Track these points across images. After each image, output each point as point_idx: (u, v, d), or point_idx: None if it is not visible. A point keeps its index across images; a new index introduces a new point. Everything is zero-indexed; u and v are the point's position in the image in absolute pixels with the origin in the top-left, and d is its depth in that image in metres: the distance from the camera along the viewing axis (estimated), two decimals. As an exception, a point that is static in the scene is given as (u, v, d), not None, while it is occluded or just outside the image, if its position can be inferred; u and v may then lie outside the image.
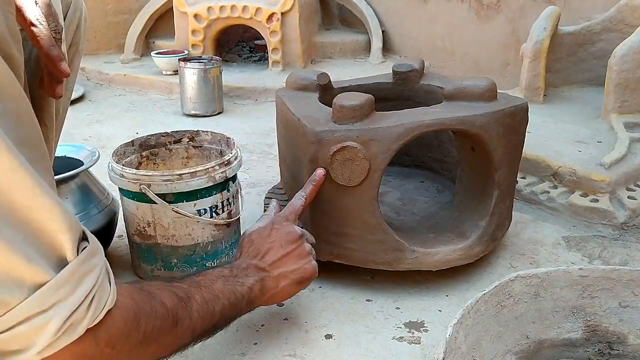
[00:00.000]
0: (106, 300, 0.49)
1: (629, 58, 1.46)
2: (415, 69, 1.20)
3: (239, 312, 0.76)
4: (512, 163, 1.02)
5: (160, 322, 0.58)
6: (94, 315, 0.47)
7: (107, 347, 0.50)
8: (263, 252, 0.82)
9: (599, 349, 0.81)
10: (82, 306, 0.46)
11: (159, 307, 0.58)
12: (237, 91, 2.36)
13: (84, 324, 0.46)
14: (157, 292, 0.60)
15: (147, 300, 0.57)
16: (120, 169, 0.98)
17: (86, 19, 0.78)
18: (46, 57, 0.64)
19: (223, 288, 0.72)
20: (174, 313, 0.61)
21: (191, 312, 0.64)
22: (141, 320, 0.54)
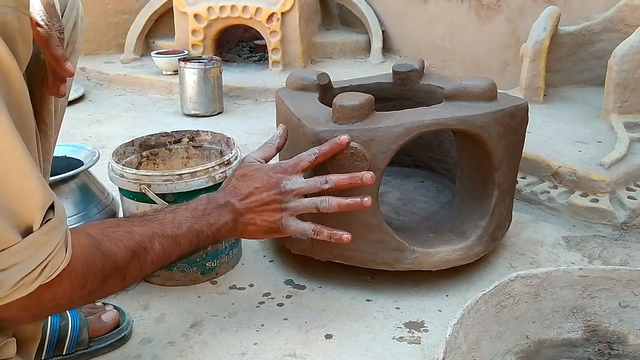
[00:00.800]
0: (59, 264, 0.55)
1: (629, 58, 1.46)
2: (415, 69, 1.20)
3: (201, 248, 0.80)
4: (512, 163, 1.02)
5: (107, 279, 0.63)
6: (46, 277, 0.54)
7: (51, 303, 0.57)
8: (245, 194, 0.83)
9: (599, 349, 0.81)
10: (37, 270, 0.52)
11: (109, 268, 0.63)
12: (237, 91, 2.36)
13: (35, 284, 0.53)
14: (114, 251, 0.64)
15: (100, 262, 0.62)
16: (120, 169, 0.98)
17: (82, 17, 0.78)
18: (51, 57, 0.64)
19: (188, 232, 0.75)
20: (125, 269, 0.65)
21: (144, 264, 0.69)
22: (87, 282, 0.60)
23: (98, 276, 0.62)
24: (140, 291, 1.02)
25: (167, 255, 0.73)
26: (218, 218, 0.80)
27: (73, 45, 0.75)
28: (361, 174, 0.85)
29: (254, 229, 0.84)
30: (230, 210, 0.82)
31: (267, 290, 1.02)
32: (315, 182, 0.85)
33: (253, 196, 0.83)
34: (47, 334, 0.82)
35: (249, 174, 0.86)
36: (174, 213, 0.76)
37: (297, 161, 0.87)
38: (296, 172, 0.86)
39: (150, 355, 0.86)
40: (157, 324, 0.93)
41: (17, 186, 0.50)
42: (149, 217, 0.74)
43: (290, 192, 0.84)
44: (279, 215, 0.84)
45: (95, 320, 0.87)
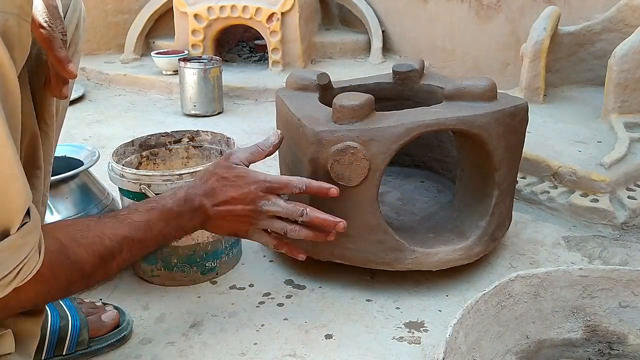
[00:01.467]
0: (32, 267, 0.56)
1: (629, 58, 1.46)
2: (415, 69, 1.20)
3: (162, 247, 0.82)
4: (512, 163, 1.02)
5: (71, 285, 0.65)
6: (21, 279, 0.55)
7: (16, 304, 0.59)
8: (220, 201, 0.82)
9: (599, 349, 0.81)
10: (12, 273, 0.53)
11: (75, 275, 0.64)
12: (237, 91, 2.36)
13: (10, 287, 0.54)
14: (82, 258, 0.64)
15: (67, 268, 0.63)
16: (120, 169, 0.98)
17: (85, 18, 0.78)
18: (54, 59, 0.64)
19: (157, 235, 0.76)
20: (90, 275, 0.67)
21: (110, 269, 0.70)
22: (51, 288, 0.62)
23: (63, 283, 0.63)
24: (140, 291, 1.02)
25: (132, 258, 0.74)
26: (189, 221, 0.81)
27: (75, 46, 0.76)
28: (336, 221, 0.85)
29: (219, 231, 0.87)
30: (202, 214, 0.82)
31: (267, 290, 1.02)
32: (293, 211, 0.84)
33: (228, 205, 0.82)
34: (47, 334, 0.82)
35: (231, 179, 0.83)
36: (148, 214, 0.76)
37: (283, 184, 0.85)
38: (277, 193, 0.85)
39: (150, 355, 0.86)
40: (157, 324, 0.93)
41: (3, 189, 0.50)
42: (122, 216, 0.74)
43: (266, 213, 0.84)
44: (247, 227, 0.85)
45: (95, 320, 0.87)
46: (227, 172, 0.84)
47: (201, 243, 1.01)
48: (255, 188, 0.83)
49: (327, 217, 0.85)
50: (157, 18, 2.87)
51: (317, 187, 0.86)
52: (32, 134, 0.67)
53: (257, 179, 0.84)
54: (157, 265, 1.02)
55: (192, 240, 1.00)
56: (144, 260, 1.02)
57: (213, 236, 1.02)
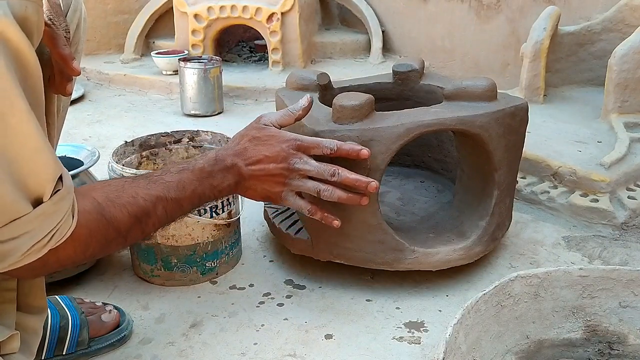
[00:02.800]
0: (66, 231, 0.59)
1: (629, 58, 1.46)
2: (415, 69, 1.20)
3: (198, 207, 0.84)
4: (512, 163, 1.02)
5: (109, 244, 0.67)
6: (55, 243, 0.58)
7: (55, 264, 0.61)
8: (254, 159, 0.82)
9: (599, 349, 0.81)
10: (46, 237, 0.56)
11: (112, 233, 0.66)
12: (237, 91, 2.36)
13: (44, 250, 0.57)
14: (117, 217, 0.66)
15: (103, 229, 0.65)
16: (120, 169, 0.98)
17: (86, 19, 0.78)
18: (59, 56, 0.65)
19: (192, 195, 0.77)
20: (127, 234, 0.68)
21: (146, 227, 0.72)
22: (90, 246, 0.64)
23: (100, 241, 0.65)
24: (140, 291, 1.02)
25: (169, 218, 0.75)
26: (222, 181, 0.81)
27: (76, 46, 0.76)
28: (368, 181, 0.85)
29: (252, 194, 0.85)
30: (235, 173, 0.82)
31: (267, 290, 1.02)
32: (324, 170, 0.84)
33: (261, 164, 0.82)
34: (47, 333, 0.82)
35: (263, 139, 0.84)
36: (179, 174, 0.77)
37: (314, 143, 0.85)
38: (309, 153, 0.85)
39: (150, 355, 0.86)
40: (157, 324, 0.93)
41: (31, 160, 0.53)
42: (154, 178, 0.75)
43: (298, 171, 0.83)
44: (281, 188, 0.84)
45: (95, 320, 0.87)
46: (258, 132, 0.84)
47: (201, 243, 1.01)
48: (287, 146, 0.83)
49: (359, 177, 0.85)
50: (157, 18, 2.87)
51: (348, 149, 0.86)
52: None
53: (288, 138, 0.84)
54: (157, 265, 1.02)
55: (192, 240, 1.00)
56: (144, 260, 1.02)
57: (213, 236, 1.02)
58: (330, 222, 0.88)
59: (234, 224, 1.07)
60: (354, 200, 0.86)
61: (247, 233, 1.21)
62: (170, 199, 0.74)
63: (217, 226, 1.02)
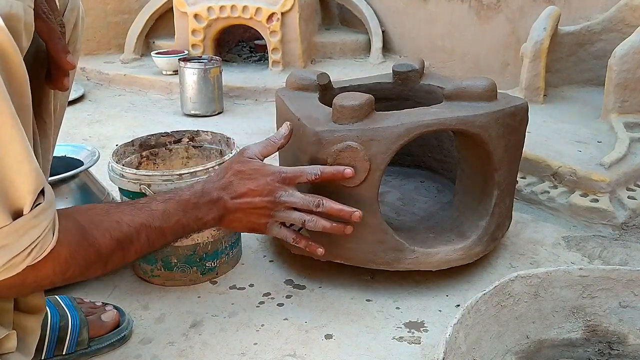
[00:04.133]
0: (46, 247, 0.57)
1: (629, 58, 1.46)
2: (415, 69, 1.20)
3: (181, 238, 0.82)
4: (512, 163, 1.02)
5: (89, 267, 0.65)
6: (33, 259, 0.56)
7: (33, 283, 0.60)
8: (239, 193, 0.83)
9: (599, 349, 0.81)
10: (24, 252, 0.55)
11: (93, 257, 0.64)
12: (237, 91, 2.36)
13: (22, 266, 0.56)
14: (99, 241, 0.65)
15: (84, 252, 0.63)
16: (120, 169, 0.98)
17: (83, 18, 0.78)
18: (53, 50, 0.64)
19: (175, 225, 0.77)
20: (108, 258, 0.67)
21: (127, 254, 0.70)
22: (70, 268, 0.62)
23: (80, 263, 0.63)
24: (140, 291, 1.02)
25: (151, 246, 0.74)
26: (207, 213, 0.81)
27: (74, 45, 0.75)
28: (352, 210, 0.86)
29: (237, 226, 0.87)
30: (220, 207, 0.82)
31: (267, 290, 1.02)
32: (309, 202, 0.86)
33: (246, 197, 0.83)
34: (47, 333, 0.82)
35: (247, 172, 0.85)
36: (165, 204, 0.77)
37: (297, 174, 0.87)
38: (294, 184, 0.86)
39: (150, 355, 0.86)
40: (157, 324, 0.93)
41: (13, 170, 0.52)
42: (140, 204, 0.75)
43: (284, 203, 0.85)
44: (266, 220, 0.86)
45: (95, 320, 0.87)
46: (243, 166, 0.85)
47: (201, 243, 1.01)
48: (271, 179, 0.84)
49: (343, 207, 0.86)
50: (157, 18, 2.87)
51: (330, 172, 0.87)
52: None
53: (273, 171, 0.85)
54: (157, 265, 1.02)
55: (192, 240, 1.00)
56: (144, 260, 1.02)
57: (213, 236, 1.02)
58: (314, 250, 0.91)
59: (234, 224, 1.07)
60: (338, 229, 0.88)
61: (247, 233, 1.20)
62: (154, 227, 0.73)
63: (217, 226, 1.02)
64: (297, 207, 0.86)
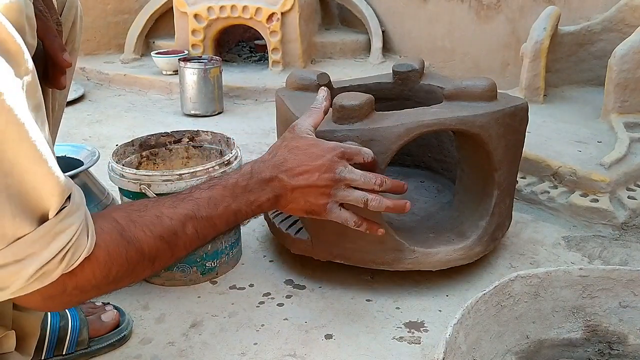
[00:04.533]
0: (81, 253, 0.53)
1: (629, 58, 1.46)
2: (415, 69, 1.20)
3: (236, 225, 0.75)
4: (512, 163, 1.02)
5: (134, 267, 0.60)
6: (67, 265, 0.52)
7: (75, 290, 0.55)
8: (297, 171, 0.76)
9: (599, 349, 0.81)
10: (56, 259, 0.51)
11: (134, 255, 0.60)
12: (237, 91, 2.36)
13: (56, 273, 0.52)
14: (138, 238, 0.60)
15: (123, 250, 0.59)
16: (120, 169, 0.98)
17: (82, 17, 0.77)
18: (50, 47, 0.64)
19: (225, 212, 0.71)
20: (153, 256, 0.62)
21: (175, 248, 0.65)
22: (111, 270, 0.58)
23: (122, 264, 0.59)
24: (140, 291, 1.02)
25: (201, 238, 0.68)
26: (260, 195, 0.75)
27: (72, 44, 0.75)
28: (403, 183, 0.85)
29: (296, 207, 0.79)
30: (276, 186, 0.76)
31: (267, 290, 1.02)
32: (371, 180, 0.80)
33: (305, 174, 0.76)
34: (47, 333, 0.82)
35: (303, 148, 0.78)
36: (210, 191, 0.71)
37: (356, 151, 0.81)
38: (351, 161, 0.81)
39: (150, 355, 0.86)
40: (157, 324, 0.93)
41: (30, 172, 0.48)
42: (182, 195, 0.69)
43: (344, 180, 0.78)
44: (326, 200, 0.78)
45: (95, 320, 0.87)
46: (297, 142, 0.79)
47: (201, 243, 1.01)
48: (331, 155, 0.78)
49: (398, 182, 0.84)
50: (157, 18, 2.87)
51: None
52: None
53: (331, 146, 0.79)
54: (157, 265, 1.01)
55: (192, 240, 1.00)
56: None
57: (213, 236, 1.02)
58: (376, 230, 0.85)
59: (234, 224, 1.07)
60: (400, 206, 0.83)
61: (247, 233, 1.20)
62: (201, 217, 0.68)
63: (217, 226, 1.02)
64: (359, 186, 0.80)
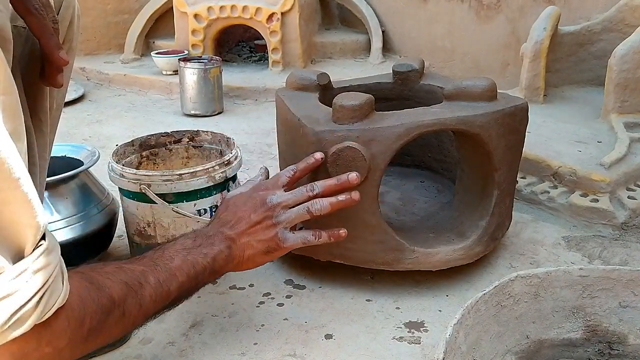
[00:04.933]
0: (57, 298, 0.50)
1: (629, 58, 1.46)
2: (415, 69, 1.20)
3: (201, 283, 0.76)
4: (512, 163, 1.02)
5: (106, 316, 0.59)
6: (43, 312, 0.48)
7: (48, 346, 0.51)
8: (234, 221, 0.82)
9: (599, 349, 0.81)
10: (31, 302, 0.47)
11: (106, 302, 0.58)
12: (237, 91, 2.36)
13: (31, 320, 0.47)
14: (107, 284, 0.60)
15: (95, 296, 0.57)
16: (120, 169, 0.98)
17: (79, 16, 0.77)
18: (46, 46, 0.64)
19: (182, 264, 0.72)
20: (122, 304, 0.61)
21: (142, 299, 0.65)
22: (85, 319, 0.55)
23: (96, 311, 0.57)
24: (140, 291, 1.02)
25: (166, 289, 0.69)
26: (211, 248, 0.77)
27: (70, 43, 0.75)
28: (346, 175, 0.86)
29: (252, 252, 0.81)
30: (222, 239, 0.79)
31: (267, 290, 1.02)
32: (301, 191, 0.85)
33: (242, 220, 0.82)
34: (47, 334, 0.82)
35: (232, 203, 0.85)
36: (162, 250, 0.74)
37: (275, 179, 0.87)
38: (277, 187, 0.86)
39: (150, 355, 0.86)
40: (157, 324, 0.93)
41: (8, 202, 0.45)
42: (136, 258, 0.71)
43: (278, 205, 0.83)
44: (273, 231, 0.82)
45: (95, 321, 0.87)
46: (225, 204, 0.86)
47: (201, 243, 1.01)
48: (254, 193, 0.85)
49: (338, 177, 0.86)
50: (157, 18, 2.87)
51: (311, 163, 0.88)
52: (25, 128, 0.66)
53: (252, 187, 0.87)
54: (157, 265, 1.01)
55: (192, 240, 1.00)
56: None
57: (213, 236, 1.02)
58: (337, 236, 0.87)
59: (234, 224, 1.07)
60: (346, 201, 0.86)
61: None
62: (159, 269, 0.69)
63: (217, 226, 1.02)
64: (295, 202, 0.84)
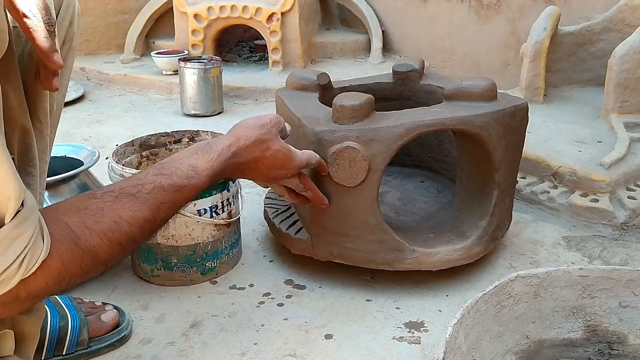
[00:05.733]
0: (38, 256, 0.53)
1: (629, 58, 1.46)
2: (415, 69, 1.20)
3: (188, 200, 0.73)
4: (512, 163, 1.02)
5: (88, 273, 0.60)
6: (26, 270, 0.52)
7: (27, 299, 0.55)
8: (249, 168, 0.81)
9: (599, 349, 0.81)
10: (14, 264, 0.51)
11: (89, 263, 0.59)
12: (237, 91, 2.36)
13: (15, 279, 0.52)
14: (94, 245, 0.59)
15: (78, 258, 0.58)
16: (120, 169, 0.98)
17: (79, 16, 0.77)
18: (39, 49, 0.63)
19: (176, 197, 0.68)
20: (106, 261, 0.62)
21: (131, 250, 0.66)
22: (64, 278, 0.57)
23: (76, 272, 0.58)
24: (140, 291, 1.02)
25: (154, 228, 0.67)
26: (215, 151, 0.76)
27: (70, 43, 0.75)
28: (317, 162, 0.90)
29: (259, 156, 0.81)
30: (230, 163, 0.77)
31: (267, 290, 1.02)
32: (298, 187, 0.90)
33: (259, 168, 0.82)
34: (47, 334, 0.82)
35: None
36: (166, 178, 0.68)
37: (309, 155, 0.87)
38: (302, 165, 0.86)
39: (150, 355, 0.86)
40: (157, 324, 0.93)
41: None
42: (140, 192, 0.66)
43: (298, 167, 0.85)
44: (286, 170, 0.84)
45: (95, 320, 0.87)
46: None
47: (201, 243, 1.01)
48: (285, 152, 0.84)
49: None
50: (157, 18, 2.87)
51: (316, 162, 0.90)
52: (25, 130, 0.66)
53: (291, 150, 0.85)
54: (157, 265, 1.02)
55: (192, 240, 1.00)
56: (144, 260, 1.02)
57: (213, 236, 1.02)
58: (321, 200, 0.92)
59: (234, 224, 1.07)
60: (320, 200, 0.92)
61: (247, 233, 1.21)
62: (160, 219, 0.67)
63: (217, 226, 1.02)
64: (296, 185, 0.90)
